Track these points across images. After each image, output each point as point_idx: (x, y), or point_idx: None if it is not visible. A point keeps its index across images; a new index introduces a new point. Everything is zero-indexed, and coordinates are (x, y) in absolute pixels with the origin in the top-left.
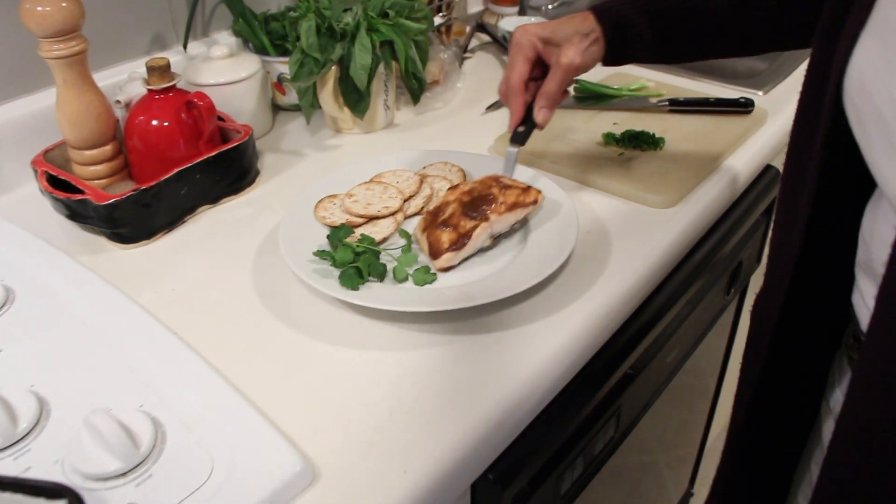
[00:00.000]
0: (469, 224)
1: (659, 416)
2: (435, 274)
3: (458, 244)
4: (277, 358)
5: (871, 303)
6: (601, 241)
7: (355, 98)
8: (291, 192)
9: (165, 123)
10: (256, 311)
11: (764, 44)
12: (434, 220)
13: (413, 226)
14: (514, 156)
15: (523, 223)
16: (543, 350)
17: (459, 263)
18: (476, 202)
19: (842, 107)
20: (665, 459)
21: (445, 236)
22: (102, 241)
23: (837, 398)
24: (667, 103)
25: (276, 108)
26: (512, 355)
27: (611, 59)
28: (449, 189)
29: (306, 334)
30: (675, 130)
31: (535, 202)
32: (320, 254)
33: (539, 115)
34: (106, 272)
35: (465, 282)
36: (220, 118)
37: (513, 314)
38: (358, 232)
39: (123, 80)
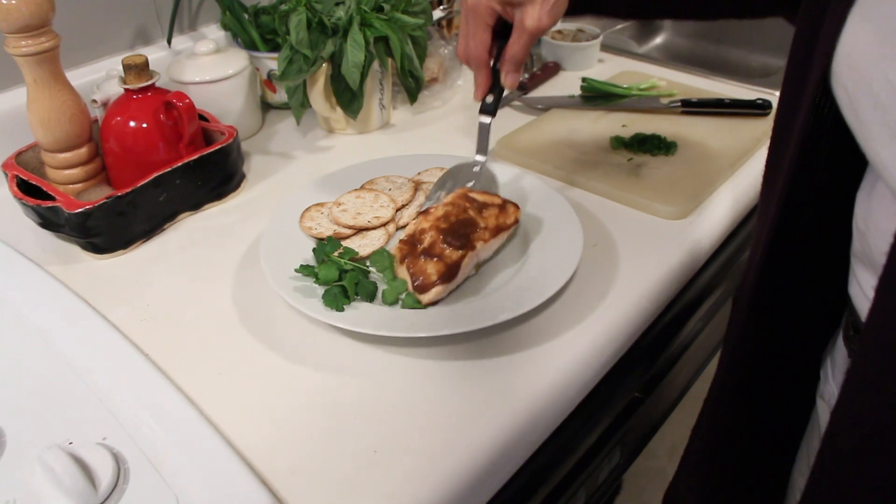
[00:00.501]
0: (455, 254)
1: (667, 423)
2: None
3: (446, 276)
4: (254, 383)
5: (871, 293)
6: (608, 255)
7: (348, 97)
8: (279, 198)
9: (144, 125)
10: (235, 330)
11: (727, 7)
12: (413, 249)
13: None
14: (488, 128)
15: (510, 240)
16: (545, 377)
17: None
18: (456, 228)
19: (829, 90)
20: (671, 466)
21: (431, 267)
22: (77, 251)
23: (831, 389)
24: (679, 104)
25: (267, 107)
26: (511, 384)
27: (576, 9)
28: (420, 214)
29: (286, 357)
30: (688, 134)
31: (516, 221)
32: (304, 269)
33: (508, 80)
34: (78, 284)
35: (458, 303)
36: (203, 118)
37: (511, 338)
38: (346, 244)
39: (102, 77)
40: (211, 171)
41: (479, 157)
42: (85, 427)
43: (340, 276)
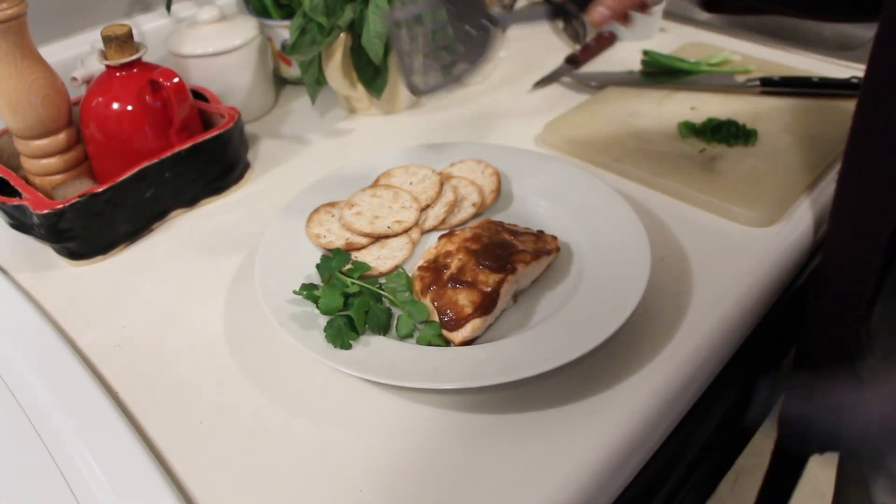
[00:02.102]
0: (492, 278)
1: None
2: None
3: (483, 306)
4: (241, 437)
5: None
6: (678, 273)
7: (370, 73)
8: (288, 192)
9: (128, 108)
10: (223, 365)
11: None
12: (438, 277)
13: (428, 245)
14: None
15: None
16: (600, 436)
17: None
18: (491, 249)
19: None
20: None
21: (464, 297)
22: (52, 255)
23: None
24: (758, 83)
25: (281, 82)
26: (559, 445)
27: None
28: (442, 237)
29: (282, 403)
30: (770, 119)
31: (557, 250)
32: (306, 290)
33: (595, 14)
34: (46, 298)
35: (495, 342)
36: (203, 98)
37: (557, 384)
38: (361, 256)
39: (87, 52)
40: (207, 162)
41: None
42: (28, 497)
43: (346, 302)
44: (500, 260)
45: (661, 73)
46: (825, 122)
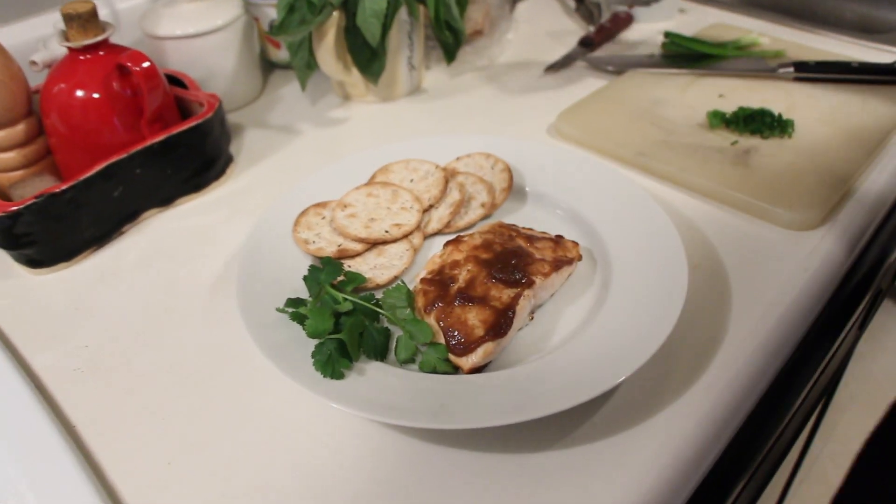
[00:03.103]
0: (507, 293)
1: None
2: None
3: (497, 327)
4: (216, 481)
5: None
6: (713, 282)
7: (366, 56)
8: (275, 189)
9: (94, 95)
10: (198, 393)
11: None
12: (444, 291)
13: (431, 252)
14: None
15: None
16: (635, 481)
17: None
18: (504, 258)
19: None
20: None
21: (475, 316)
22: (10, 262)
23: None
24: (791, 68)
25: (270, 66)
26: (587, 494)
27: None
28: (448, 244)
29: (266, 438)
30: (807, 108)
31: (579, 258)
32: (293, 307)
33: None
34: (1, 312)
35: (510, 368)
36: (180, 84)
37: (579, 417)
38: (355, 265)
39: (49, 34)
40: (184, 156)
41: None
42: None
43: (338, 322)
44: (516, 271)
45: (683, 56)
46: (867, 111)
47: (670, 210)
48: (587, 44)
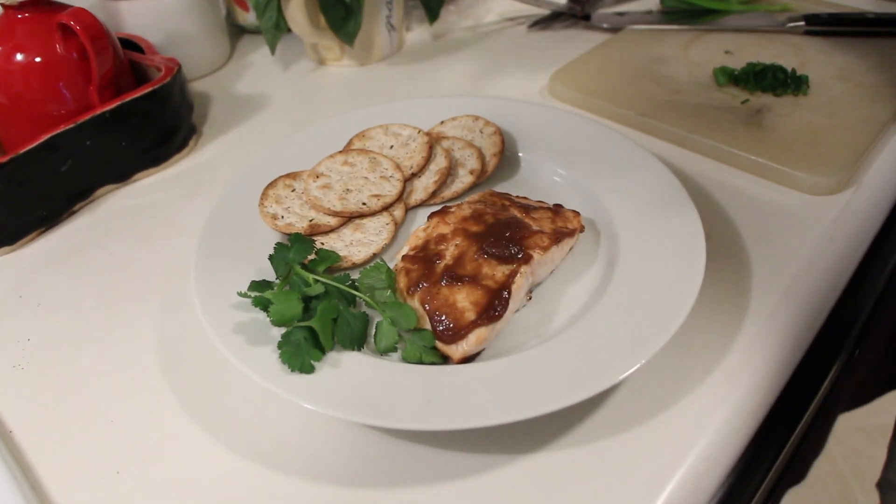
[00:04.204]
0: (501, 270)
1: None
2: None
3: (492, 309)
4: (169, 490)
5: None
6: (730, 253)
7: (340, 14)
8: (242, 162)
9: (36, 59)
10: (153, 392)
11: None
12: (429, 269)
13: (415, 226)
14: None
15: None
16: (652, 480)
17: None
18: (498, 230)
19: None
20: None
21: (464, 297)
22: None
23: None
24: (802, 22)
25: (238, 31)
26: (597, 498)
27: None
28: (434, 216)
29: (227, 442)
30: (820, 64)
31: (581, 229)
32: (256, 290)
33: None
34: None
35: (507, 356)
36: (137, 48)
37: (586, 410)
38: (329, 242)
39: None
40: (140, 126)
41: None
42: None
43: (308, 307)
44: (510, 245)
45: (684, 12)
46: (885, 65)
47: (678, 175)
48: (578, 0)
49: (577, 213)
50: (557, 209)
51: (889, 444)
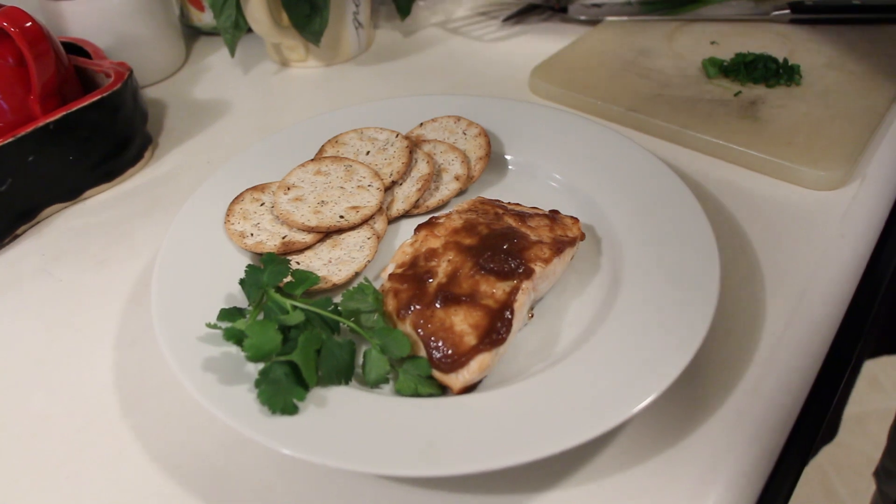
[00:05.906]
0: (501, 288)
1: None
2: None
3: (494, 332)
4: None
5: None
6: (739, 257)
7: (304, 12)
8: (203, 174)
9: None
10: (112, 434)
11: None
12: (420, 289)
13: (399, 240)
14: None
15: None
16: None
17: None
18: (494, 243)
19: None
20: None
21: (462, 319)
22: None
23: None
24: (787, 10)
25: (194, 32)
26: None
27: None
28: (422, 228)
29: (197, 492)
30: (808, 53)
31: (582, 237)
32: (227, 320)
33: None
34: None
35: (511, 384)
36: (84, 53)
37: (600, 440)
38: (304, 261)
39: None
40: (88, 139)
41: None
42: None
43: (286, 338)
44: (510, 259)
45: (665, 2)
46: (876, 52)
47: (675, 173)
48: None
49: (575, 220)
50: (554, 216)
51: (889, 432)
